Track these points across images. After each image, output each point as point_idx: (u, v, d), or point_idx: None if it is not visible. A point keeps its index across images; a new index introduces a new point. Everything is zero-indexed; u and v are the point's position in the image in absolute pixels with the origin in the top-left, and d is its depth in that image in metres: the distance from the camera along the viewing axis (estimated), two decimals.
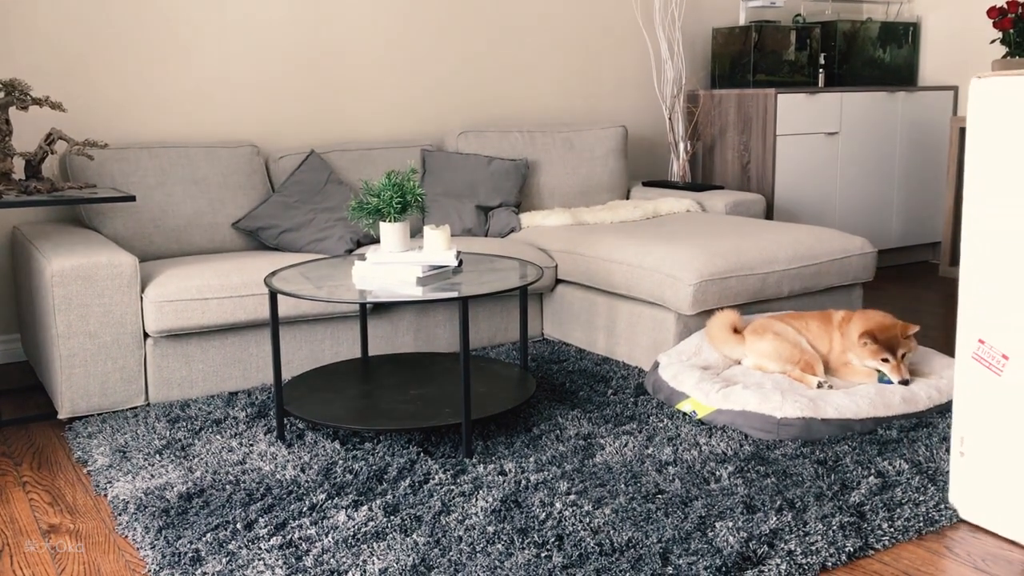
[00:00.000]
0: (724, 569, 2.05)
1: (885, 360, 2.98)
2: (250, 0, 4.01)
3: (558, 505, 2.35)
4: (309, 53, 4.16)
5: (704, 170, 5.06)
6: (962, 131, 5.02)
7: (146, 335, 3.12)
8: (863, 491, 2.41)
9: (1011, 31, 4.73)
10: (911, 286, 5.00)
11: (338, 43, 4.22)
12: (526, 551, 2.13)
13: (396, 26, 4.34)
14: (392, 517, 2.31)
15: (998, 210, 2.18)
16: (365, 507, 2.35)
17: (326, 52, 4.20)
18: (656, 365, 3.20)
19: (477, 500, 2.39)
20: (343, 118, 4.28)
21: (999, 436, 2.23)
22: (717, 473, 2.53)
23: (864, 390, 2.90)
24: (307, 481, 2.52)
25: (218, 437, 2.85)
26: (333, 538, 2.20)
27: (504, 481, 2.50)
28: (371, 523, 2.27)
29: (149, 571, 2.11)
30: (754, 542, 2.16)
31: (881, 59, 5.43)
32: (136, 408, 3.12)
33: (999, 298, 2.19)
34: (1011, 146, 2.14)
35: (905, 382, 2.95)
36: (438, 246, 2.95)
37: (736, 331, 3.18)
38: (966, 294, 2.26)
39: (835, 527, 2.23)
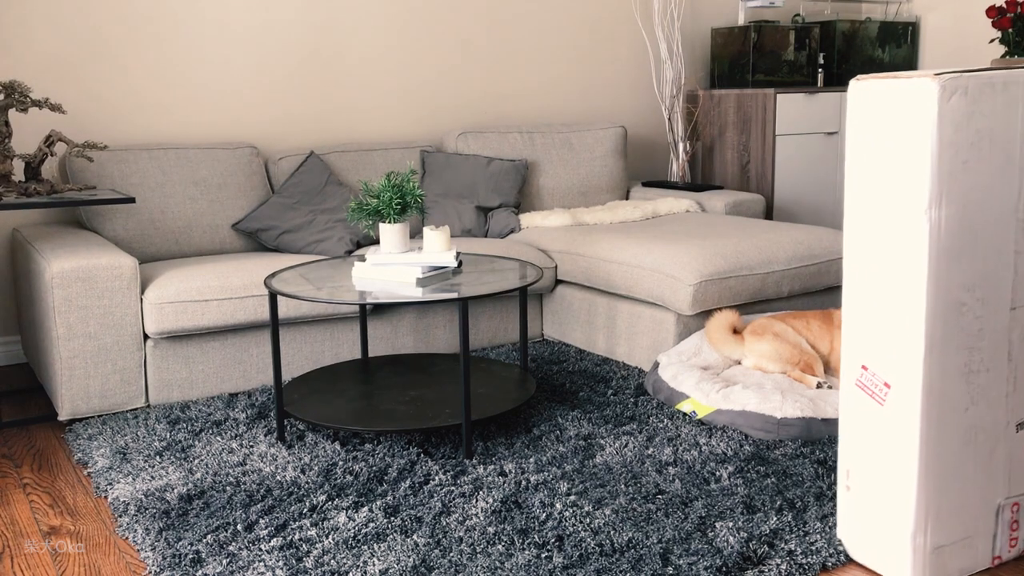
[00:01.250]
0: (724, 569, 2.05)
1: None
2: (250, 2, 4.01)
3: (558, 506, 2.35)
4: (308, 55, 4.16)
5: (703, 170, 5.06)
6: None
7: (146, 337, 3.13)
8: None
9: (1010, 30, 4.73)
10: None
11: (337, 44, 4.22)
12: (526, 552, 2.14)
13: (396, 27, 4.35)
14: (392, 518, 2.31)
15: (877, 226, 1.96)
16: (365, 508, 2.35)
17: (325, 53, 4.20)
18: (656, 365, 3.20)
19: (477, 501, 2.39)
20: (342, 119, 4.28)
21: (882, 470, 2.03)
22: (717, 473, 2.53)
23: None
24: (307, 482, 2.52)
25: (218, 438, 2.85)
26: (334, 539, 2.20)
27: (504, 482, 2.50)
28: (371, 524, 2.27)
29: (149, 572, 2.12)
30: (754, 542, 2.16)
31: (880, 59, 5.43)
32: (136, 410, 3.12)
33: (880, 321, 1.98)
34: (890, 156, 1.91)
35: None
36: (438, 247, 2.95)
37: (735, 331, 3.19)
38: (849, 316, 2.06)
39: (835, 527, 2.23)
